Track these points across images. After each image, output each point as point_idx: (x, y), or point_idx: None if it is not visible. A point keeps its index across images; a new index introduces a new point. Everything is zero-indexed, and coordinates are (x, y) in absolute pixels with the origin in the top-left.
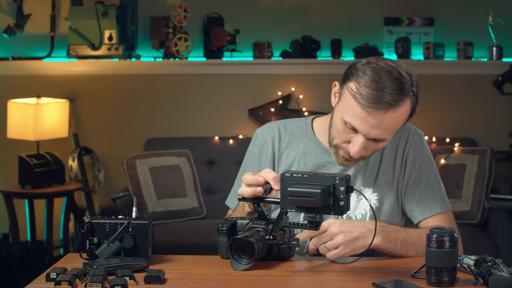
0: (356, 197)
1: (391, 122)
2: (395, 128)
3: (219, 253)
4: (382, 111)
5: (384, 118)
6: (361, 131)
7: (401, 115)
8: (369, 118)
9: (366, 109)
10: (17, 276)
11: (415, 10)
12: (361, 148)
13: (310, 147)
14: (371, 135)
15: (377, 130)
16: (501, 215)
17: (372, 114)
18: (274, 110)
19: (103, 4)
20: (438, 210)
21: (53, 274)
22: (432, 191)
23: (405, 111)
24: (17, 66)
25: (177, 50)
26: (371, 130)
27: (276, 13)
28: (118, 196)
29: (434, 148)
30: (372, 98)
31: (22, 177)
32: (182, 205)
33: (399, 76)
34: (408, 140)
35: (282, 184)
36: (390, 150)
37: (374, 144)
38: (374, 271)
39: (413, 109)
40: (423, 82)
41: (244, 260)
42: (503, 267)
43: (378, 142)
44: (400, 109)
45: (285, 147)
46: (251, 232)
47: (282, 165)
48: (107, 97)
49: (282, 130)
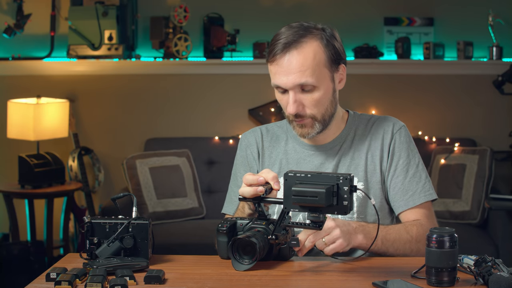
0: None
1: (301, 62)
2: (309, 67)
3: (218, 253)
4: (283, 54)
5: (290, 60)
6: (281, 84)
7: (308, 53)
8: (278, 68)
9: (273, 62)
10: (17, 276)
11: (415, 10)
12: (293, 102)
13: (290, 144)
14: (290, 83)
15: (291, 75)
16: (501, 215)
17: (278, 62)
18: (274, 110)
19: (103, 4)
20: (422, 201)
21: (53, 274)
22: (416, 182)
23: (310, 48)
24: (17, 66)
25: (177, 50)
26: (287, 78)
27: (276, 13)
28: (118, 196)
29: (434, 148)
30: (272, 49)
31: (22, 177)
32: (182, 205)
33: (298, 24)
34: (392, 132)
35: (286, 183)
36: (375, 141)
37: (306, 96)
38: (374, 271)
39: (329, 49)
40: (423, 82)
41: (246, 260)
42: (503, 267)
43: (308, 92)
44: (302, 46)
45: (267, 147)
46: (251, 232)
47: (266, 164)
48: (107, 97)
49: (264, 132)
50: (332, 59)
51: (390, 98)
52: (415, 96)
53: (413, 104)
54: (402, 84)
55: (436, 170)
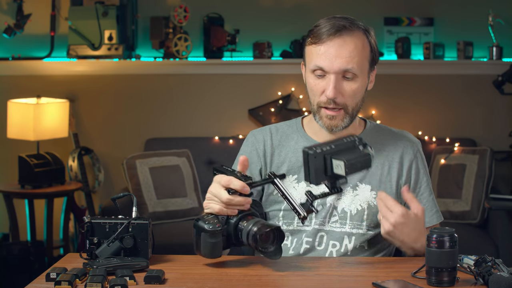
0: (352, 192)
1: (352, 48)
2: (357, 55)
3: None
4: (335, 37)
5: (341, 44)
6: (325, 66)
7: (358, 42)
8: (327, 49)
9: (322, 43)
10: (17, 276)
11: (415, 10)
12: (334, 86)
13: (301, 143)
14: (336, 67)
15: (340, 59)
16: (501, 215)
17: (328, 43)
18: (274, 110)
19: (103, 4)
20: (437, 221)
21: (53, 274)
22: (433, 202)
23: (360, 39)
24: (17, 66)
25: (177, 50)
26: (334, 61)
27: (276, 13)
28: (118, 196)
29: (434, 148)
30: (323, 30)
31: (22, 177)
32: (182, 205)
33: (342, 16)
34: (414, 150)
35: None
36: (393, 154)
37: (346, 84)
38: (374, 271)
39: (372, 47)
40: (423, 82)
41: (271, 247)
42: (503, 267)
43: (348, 80)
44: (353, 34)
45: (277, 145)
46: (254, 220)
47: (275, 162)
48: (107, 97)
49: (274, 130)
50: (372, 56)
51: (390, 98)
52: (415, 96)
53: (413, 104)
54: (402, 84)
55: (436, 170)
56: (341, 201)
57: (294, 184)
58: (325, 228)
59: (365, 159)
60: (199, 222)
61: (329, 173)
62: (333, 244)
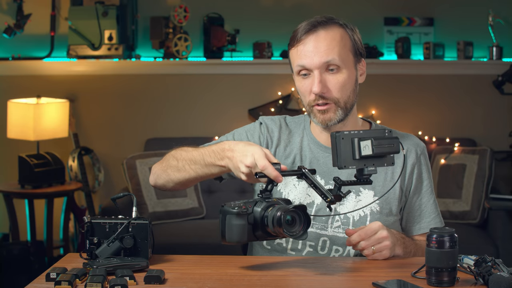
0: (355, 198)
1: (328, 41)
2: (336, 46)
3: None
4: (310, 34)
5: (317, 40)
6: (306, 63)
7: (335, 34)
8: (304, 48)
9: (299, 43)
10: (17, 276)
11: (415, 10)
12: (318, 81)
13: (306, 142)
14: (316, 62)
15: (318, 54)
16: (501, 215)
17: (304, 42)
18: (274, 110)
19: (103, 4)
20: (440, 225)
21: (53, 274)
22: (433, 206)
23: (337, 32)
24: (17, 66)
25: (177, 50)
26: (313, 56)
27: (276, 13)
28: (118, 196)
29: (434, 148)
30: (299, 30)
31: (22, 177)
32: (182, 205)
33: (325, 16)
34: (417, 152)
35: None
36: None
37: (331, 77)
38: (374, 271)
39: (353, 39)
40: (423, 82)
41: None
42: (503, 267)
43: (333, 73)
44: (328, 28)
45: (284, 139)
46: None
47: (280, 155)
48: (107, 97)
49: (283, 124)
50: (356, 48)
51: (390, 98)
52: (415, 96)
53: (413, 104)
54: (402, 84)
55: (436, 170)
56: (344, 206)
57: (294, 182)
58: (328, 233)
59: (393, 142)
60: (224, 207)
61: (357, 157)
62: (336, 249)
